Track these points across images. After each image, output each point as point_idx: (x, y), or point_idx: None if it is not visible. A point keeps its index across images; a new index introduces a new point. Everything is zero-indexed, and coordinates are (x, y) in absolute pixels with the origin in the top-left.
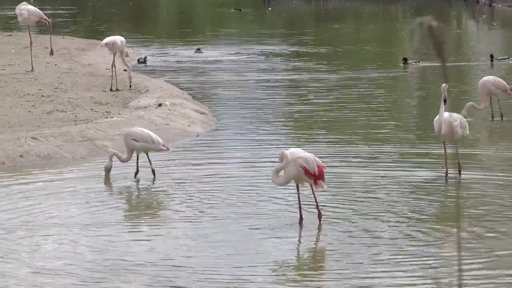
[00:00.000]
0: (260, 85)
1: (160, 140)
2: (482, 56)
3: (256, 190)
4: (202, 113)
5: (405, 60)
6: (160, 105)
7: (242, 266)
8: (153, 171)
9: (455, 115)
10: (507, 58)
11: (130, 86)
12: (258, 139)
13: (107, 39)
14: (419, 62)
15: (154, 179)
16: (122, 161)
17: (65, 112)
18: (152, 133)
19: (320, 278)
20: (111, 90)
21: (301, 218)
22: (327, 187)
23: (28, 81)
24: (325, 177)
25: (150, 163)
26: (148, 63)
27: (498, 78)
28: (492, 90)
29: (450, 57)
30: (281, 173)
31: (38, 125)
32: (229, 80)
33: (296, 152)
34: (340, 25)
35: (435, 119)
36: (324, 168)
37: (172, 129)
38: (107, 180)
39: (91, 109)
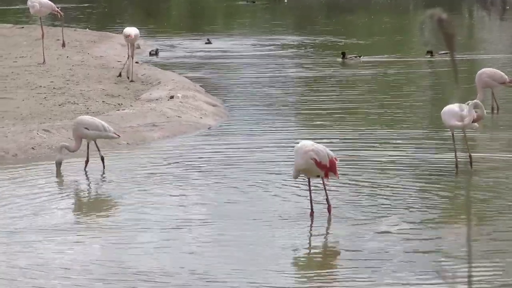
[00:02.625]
0: (273, 77)
1: (111, 128)
2: (491, 49)
3: (267, 183)
4: (214, 105)
5: (343, 54)
6: (172, 97)
7: (253, 263)
8: (102, 158)
9: (463, 106)
10: (447, 53)
11: (130, 77)
12: (270, 131)
13: (132, 31)
14: (360, 56)
15: (104, 168)
16: (71, 151)
17: (77, 104)
18: (102, 121)
19: (331, 273)
20: (131, 81)
21: (312, 212)
22: (339, 177)
23: (40, 73)
24: (337, 169)
25: (99, 150)
26: (159, 55)
27: (495, 69)
28: (488, 82)
29: (459, 50)
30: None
31: (50, 117)
32: (241, 72)
33: (307, 144)
34: (356, 17)
35: (442, 111)
36: (336, 160)
37: (184, 121)
38: (59, 173)
39: (103, 101)
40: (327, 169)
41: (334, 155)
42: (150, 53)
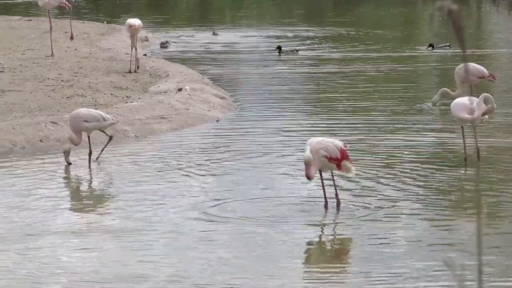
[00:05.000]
0: (280, 69)
1: (108, 116)
2: (499, 43)
3: (275, 176)
4: (222, 97)
5: (279, 48)
6: (180, 89)
7: (266, 256)
8: (110, 137)
9: (473, 99)
10: (449, 46)
11: (135, 68)
12: (279, 124)
13: (136, 21)
14: (297, 50)
15: (101, 151)
16: (75, 144)
17: (85, 96)
18: (98, 111)
19: (342, 267)
20: (135, 71)
21: (326, 203)
22: (355, 171)
23: (48, 66)
24: (348, 156)
25: (105, 132)
26: (169, 47)
27: (474, 64)
28: (465, 77)
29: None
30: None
31: (58, 109)
32: (249, 64)
33: (315, 142)
34: (362, 8)
35: (452, 103)
36: (346, 147)
37: (192, 114)
38: (68, 160)
39: (111, 94)
40: (339, 160)
41: (342, 143)
42: (161, 45)
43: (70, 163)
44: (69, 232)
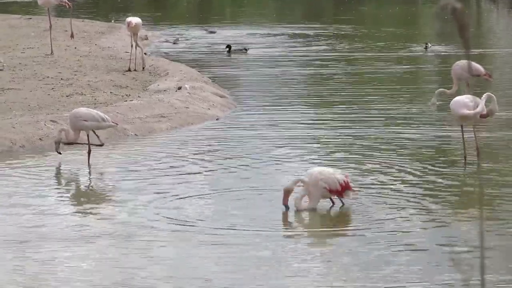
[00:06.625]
0: (280, 68)
1: (107, 117)
2: (498, 42)
3: (276, 175)
4: (221, 96)
5: (229, 47)
6: (179, 88)
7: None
8: (102, 144)
9: (470, 97)
10: (427, 44)
11: (135, 67)
12: (279, 122)
13: (133, 19)
14: (247, 50)
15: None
16: (71, 140)
17: (85, 95)
18: (97, 111)
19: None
20: (135, 70)
21: (333, 204)
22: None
23: (47, 64)
24: (352, 186)
25: (98, 137)
26: (166, 46)
27: (471, 62)
28: (462, 74)
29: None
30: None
31: (58, 108)
32: (249, 62)
33: (315, 174)
34: (364, 7)
35: (452, 101)
36: (347, 177)
37: (191, 113)
38: (58, 150)
39: (111, 92)
40: (340, 192)
41: (344, 176)
42: (174, 42)
43: (60, 153)
44: (68, 237)
